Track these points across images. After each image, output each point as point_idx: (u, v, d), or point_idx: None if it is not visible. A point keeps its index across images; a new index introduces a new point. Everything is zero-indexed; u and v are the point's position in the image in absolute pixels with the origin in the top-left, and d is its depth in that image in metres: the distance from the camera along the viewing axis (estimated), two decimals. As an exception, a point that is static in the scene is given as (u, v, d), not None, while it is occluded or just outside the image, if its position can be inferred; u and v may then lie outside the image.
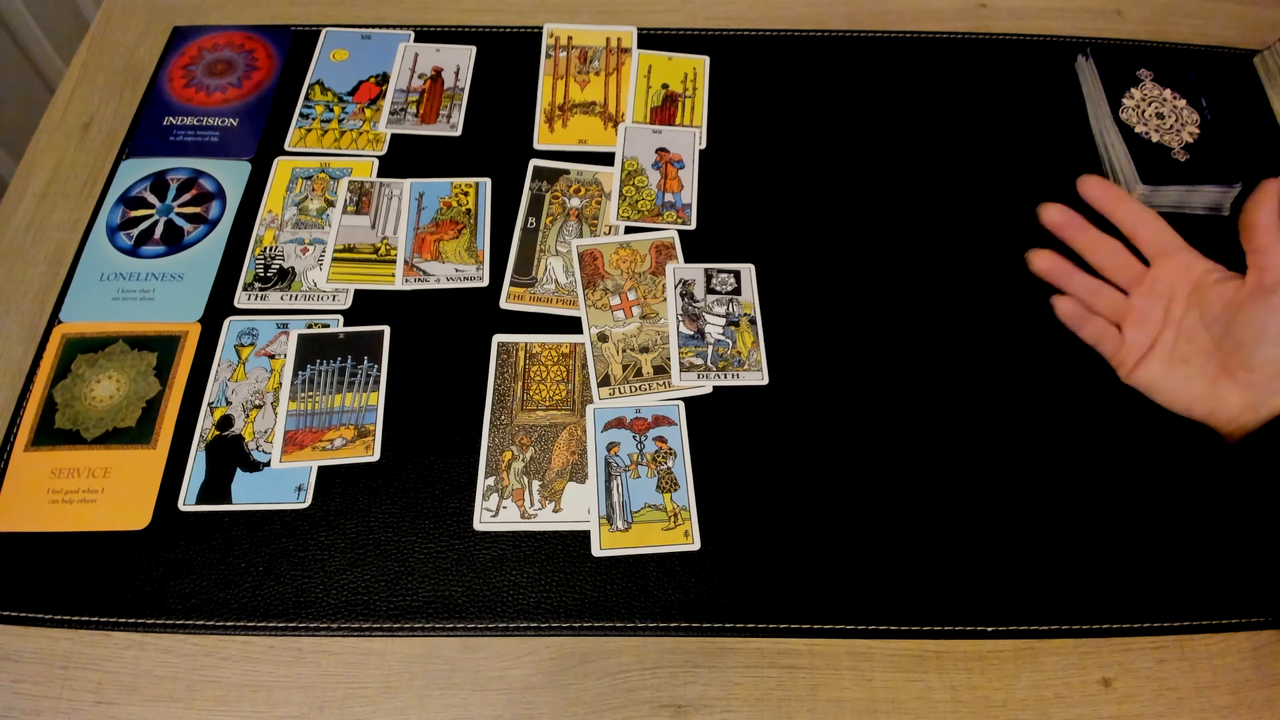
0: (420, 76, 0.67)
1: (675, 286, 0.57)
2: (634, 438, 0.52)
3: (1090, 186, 0.52)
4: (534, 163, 0.63)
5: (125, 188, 0.62)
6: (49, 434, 0.52)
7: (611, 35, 0.69)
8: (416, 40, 0.69)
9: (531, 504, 0.50)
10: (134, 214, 0.60)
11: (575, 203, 0.61)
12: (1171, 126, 0.62)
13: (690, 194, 0.62)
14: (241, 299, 0.57)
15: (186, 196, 0.61)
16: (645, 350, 0.55)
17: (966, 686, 0.46)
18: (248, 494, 0.50)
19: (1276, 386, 0.45)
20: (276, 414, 0.53)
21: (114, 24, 0.71)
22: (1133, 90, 0.64)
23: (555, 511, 0.50)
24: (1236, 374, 0.47)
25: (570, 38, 0.69)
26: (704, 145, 0.64)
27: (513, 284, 0.58)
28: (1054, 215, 0.53)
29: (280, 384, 0.54)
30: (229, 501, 0.50)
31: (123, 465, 0.51)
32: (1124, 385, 0.52)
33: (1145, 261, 0.52)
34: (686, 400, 0.53)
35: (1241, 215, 0.47)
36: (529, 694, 0.46)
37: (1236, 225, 0.47)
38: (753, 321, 0.56)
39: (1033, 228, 0.60)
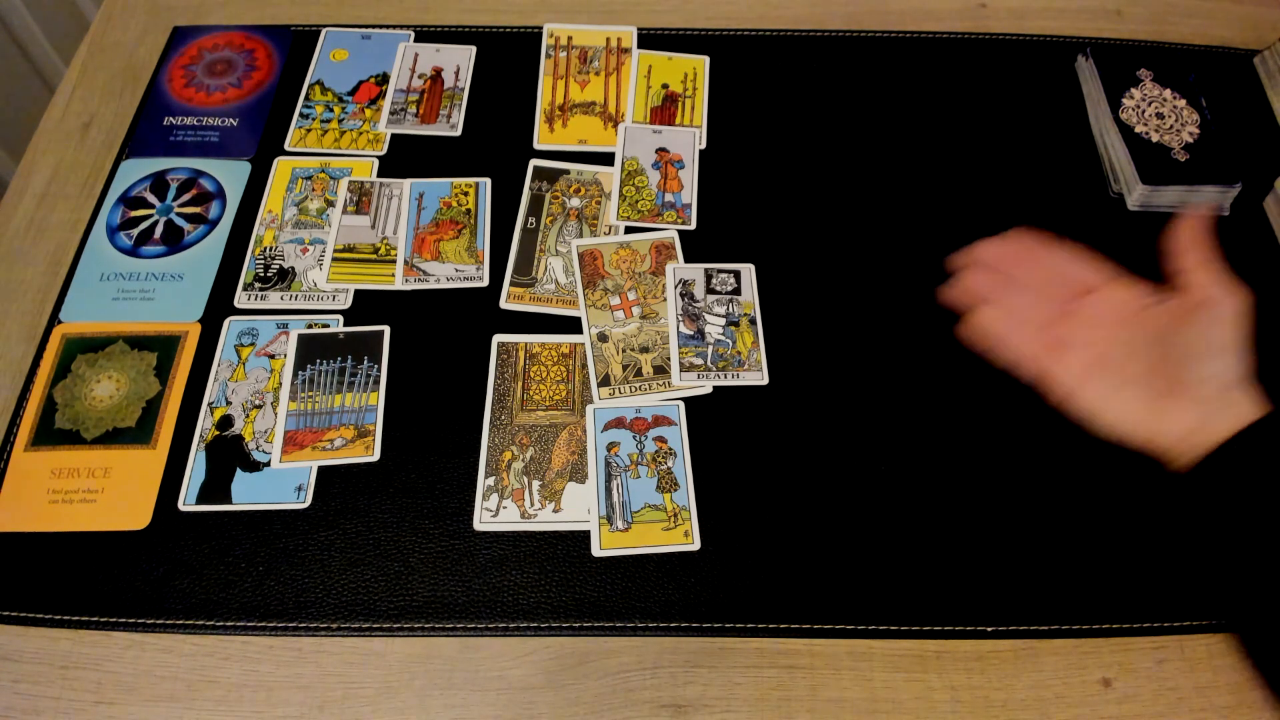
0: (420, 76, 0.67)
1: (675, 286, 0.57)
2: (634, 438, 0.52)
3: (986, 251, 0.53)
4: (534, 163, 0.63)
5: (125, 188, 0.62)
6: (49, 434, 0.52)
7: (611, 35, 0.69)
8: (416, 40, 0.69)
9: (531, 504, 0.50)
10: (134, 214, 0.60)
11: (575, 203, 0.61)
12: (1171, 126, 0.62)
13: (690, 194, 0.62)
14: (241, 299, 0.57)
15: (186, 196, 0.61)
16: (645, 350, 0.55)
17: (966, 686, 0.46)
18: (248, 494, 0.50)
19: (1223, 403, 0.44)
20: (276, 414, 0.53)
21: (114, 24, 0.71)
22: (1133, 90, 0.64)
23: (555, 511, 0.50)
24: (1181, 393, 0.45)
25: (570, 38, 0.69)
26: (704, 145, 0.64)
27: (513, 284, 0.58)
28: (988, 253, 0.53)
29: (280, 384, 0.54)
30: (229, 501, 0.50)
31: (123, 465, 0.51)
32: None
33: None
34: (686, 400, 0.53)
35: (1174, 232, 0.48)
36: (529, 694, 0.46)
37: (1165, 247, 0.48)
38: (753, 321, 0.56)
39: (1032, 227, 0.60)
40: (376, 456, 0.52)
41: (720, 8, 0.72)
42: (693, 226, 0.60)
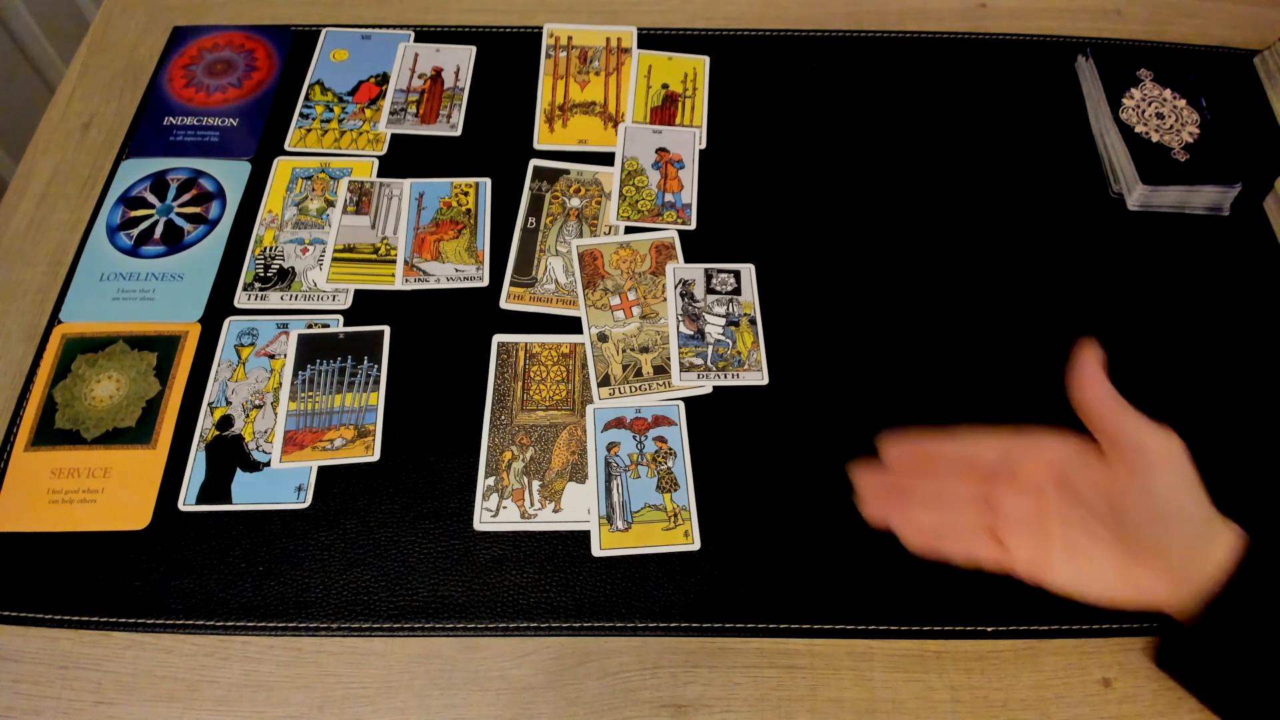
0: (420, 76, 0.67)
1: (675, 286, 0.57)
2: (634, 438, 0.52)
3: (893, 452, 0.47)
4: (534, 163, 0.63)
5: (125, 188, 0.62)
6: (49, 434, 0.52)
7: (611, 35, 0.69)
8: (416, 40, 0.69)
9: (531, 504, 0.50)
10: (134, 214, 0.60)
11: (575, 203, 0.61)
12: (1171, 126, 0.62)
13: (690, 194, 0.62)
14: (241, 299, 0.57)
15: (186, 196, 0.61)
16: (645, 350, 0.55)
17: (966, 686, 0.46)
18: (248, 494, 0.50)
19: (1192, 563, 0.41)
20: (276, 414, 0.53)
21: (114, 24, 0.71)
22: (1133, 90, 0.64)
23: (555, 511, 0.50)
24: (1148, 560, 0.42)
25: (570, 38, 0.69)
26: (704, 145, 0.64)
27: (513, 284, 0.58)
28: (893, 455, 0.47)
29: (280, 384, 0.54)
30: (229, 501, 0.50)
31: (123, 465, 0.51)
32: (1121, 389, 0.52)
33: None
34: (686, 400, 0.53)
35: (1073, 395, 0.43)
36: (529, 694, 0.46)
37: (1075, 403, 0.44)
38: (753, 321, 0.56)
39: (1032, 228, 0.61)
40: (376, 456, 0.52)
41: (720, 8, 0.72)
42: (693, 226, 0.60)
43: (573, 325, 0.56)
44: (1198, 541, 0.41)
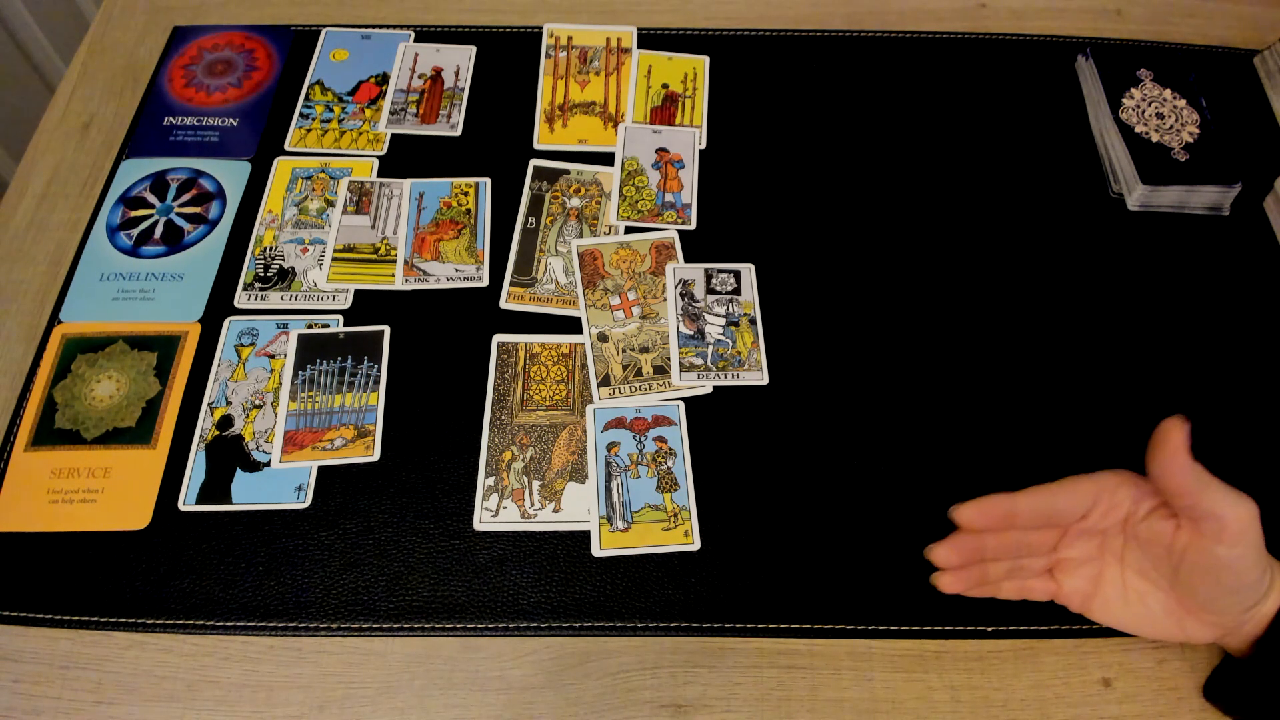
0: (420, 76, 0.67)
1: (675, 286, 0.57)
2: (634, 438, 0.52)
3: (967, 515, 0.43)
4: (534, 163, 0.63)
5: (125, 188, 0.62)
6: (49, 434, 0.52)
7: (611, 35, 0.69)
8: (416, 40, 0.69)
9: (531, 504, 0.50)
10: (134, 214, 0.60)
11: (575, 203, 0.61)
12: (1171, 126, 0.62)
13: (690, 194, 0.62)
14: (241, 299, 0.57)
15: (186, 196, 0.61)
16: (645, 350, 0.55)
17: (966, 686, 0.46)
18: (248, 494, 0.50)
19: (1243, 620, 0.41)
20: (276, 414, 0.53)
21: (114, 24, 0.71)
22: (1133, 90, 0.64)
23: (555, 511, 0.50)
24: (1198, 615, 0.42)
25: (570, 38, 0.69)
26: (704, 145, 0.64)
27: (513, 284, 0.58)
28: (969, 517, 0.43)
29: (280, 384, 0.54)
30: (229, 501, 0.50)
31: (123, 465, 0.51)
32: (1121, 389, 0.52)
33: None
34: (686, 400, 0.53)
35: (1154, 465, 0.40)
36: (529, 694, 0.46)
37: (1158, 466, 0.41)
38: (753, 321, 0.56)
39: (1032, 228, 0.61)
40: (376, 456, 0.52)
41: (720, 8, 0.72)
42: (693, 226, 0.60)
43: (573, 325, 0.56)
44: (1252, 601, 0.41)
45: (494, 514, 0.50)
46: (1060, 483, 0.44)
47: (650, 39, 0.69)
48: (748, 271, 0.58)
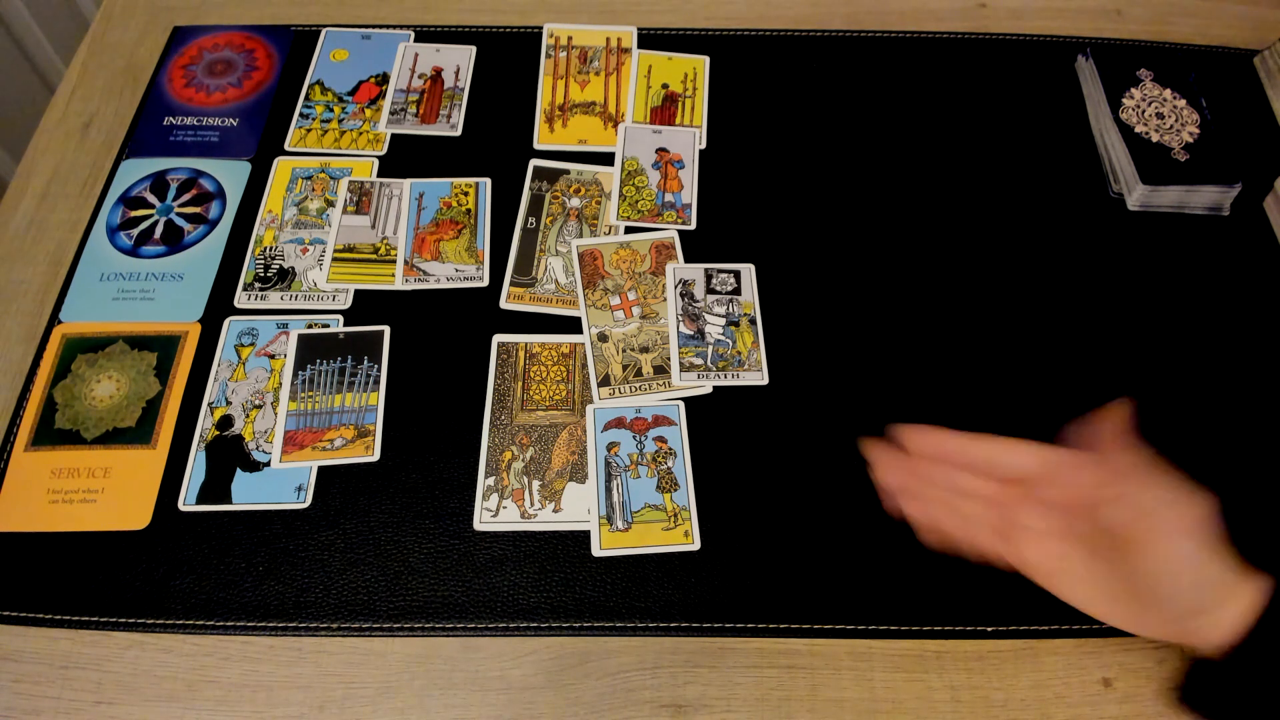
0: (420, 76, 0.67)
1: (675, 286, 0.57)
2: (634, 438, 0.52)
3: (917, 439, 0.45)
4: (534, 163, 0.63)
5: (125, 188, 0.62)
6: (49, 434, 0.52)
7: (611, 35, 0.69)
8: (416, 40, 0.69)
9: (531, 504, 0.50)
10: (134, 214, 0.60)
11: (575, 203, 0.61)
12: (1171, 126, 0.62)
13: (690, 194, 0.62)
14: (241, 299, 0.57)
15: (186, 196, 0.61)
16: (645, 350, 0.55)
17: (966, 686, 0.46)
18: (248, 494, 0.50)
19: (1196, 623, 0.40)
20: (276, 414, 0.53)
21: (114, 24, 0.71)
22: (1133, 90, 0.64)
23: (555, 511, 0.50)
24: (1152, 604, 0.41)
25: (570, 38, 0.69)
26: (704, 145, 0.64)
27: (513, 284, 0.58)
28: (916, 441, 0.45)
29: (280, 384, 0.54)
30: (229, 501, 0.50)
31: (123, 465, 0.51)
32: (1121, 389, 0.52)
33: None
34: (686, 400, 0.53)
35: (1093, 426, 0.41)
36: (529, 694, 0.46)
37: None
38: (753, 321, 0.56)
39: (1032, 228, 0.61)
40: (376, 456, 0.52)
41: (720, 8, 0.72)
42: (693, 226, 0.60)
43: (573, 325, 0.56)
44: (1200, 606, 0.40)
45: (494, 514, 0.50)
46: (1008, 439, 0.45)
47: (650, 39, 0.69)
48: (748, 271, 0.58)
